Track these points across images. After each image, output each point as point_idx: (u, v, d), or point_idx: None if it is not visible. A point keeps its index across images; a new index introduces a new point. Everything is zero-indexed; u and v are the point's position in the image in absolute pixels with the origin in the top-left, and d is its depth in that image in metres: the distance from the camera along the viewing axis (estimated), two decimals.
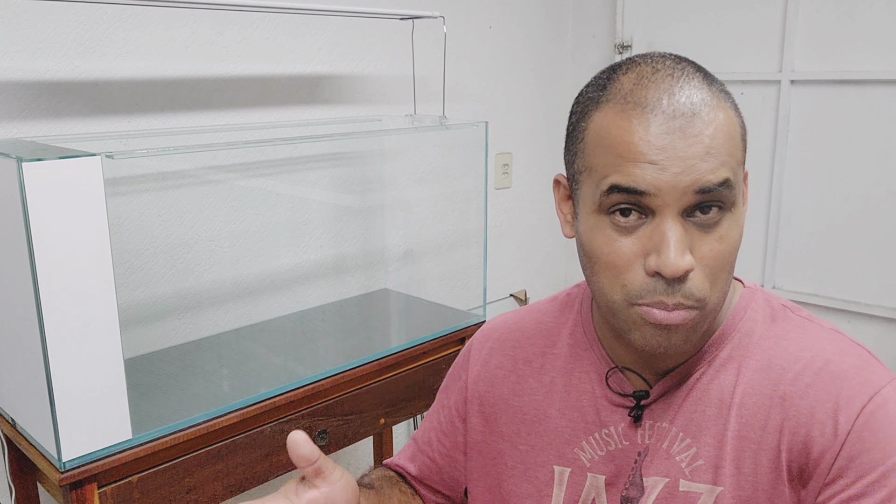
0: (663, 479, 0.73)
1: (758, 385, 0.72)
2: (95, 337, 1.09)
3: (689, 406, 0.74)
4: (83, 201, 1.04)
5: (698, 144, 0.64)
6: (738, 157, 0.67)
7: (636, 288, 0.67)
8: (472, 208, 2.16)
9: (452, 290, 2.20)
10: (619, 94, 0.67)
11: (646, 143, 0.64)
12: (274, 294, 1.79)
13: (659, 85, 0.66)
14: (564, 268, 2.67)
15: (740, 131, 0.69)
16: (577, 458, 0.79)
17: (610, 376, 0.78)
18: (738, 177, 0.68)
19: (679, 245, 0.64)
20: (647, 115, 0.65)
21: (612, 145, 0.66)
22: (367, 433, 1.51)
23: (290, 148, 1.77)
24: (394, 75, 1.97)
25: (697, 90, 0.66)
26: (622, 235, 0.67)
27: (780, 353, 0.73)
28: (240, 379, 1.43)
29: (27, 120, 1.39)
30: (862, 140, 1.96)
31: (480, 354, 0.90)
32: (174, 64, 1.56)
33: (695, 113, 0.65)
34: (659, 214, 0.65)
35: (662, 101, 0.65)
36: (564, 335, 0.84)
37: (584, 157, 0.70)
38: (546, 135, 2.48)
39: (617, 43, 2.37)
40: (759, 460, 0.70)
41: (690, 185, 0.64)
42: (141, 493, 1.18)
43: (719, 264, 0.67)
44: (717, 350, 0.75)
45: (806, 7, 2.00)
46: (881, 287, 1.98)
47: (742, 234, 0.70)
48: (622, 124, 0.66)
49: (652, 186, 0.64)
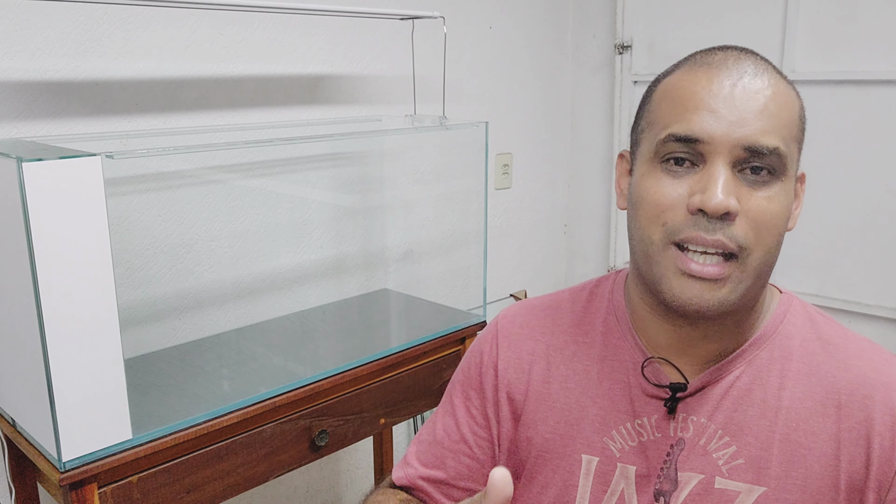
0: (698, 476, 0.73)
1: (807, 390, 0.72)
2: (95, 337, 1.09)
3: (729, 404, 0.73)
4: (83, 201, 1.04)
5: (756, 101, 0.66)
6: (793, 131, 0.69)
7: (676, 224, 0.67)
8: (472, 208, 2.16)
9: (452, 290, 2.20)
10: (690, 61, 0.72)
11: (707, 90, 0.67)
12: (274, 294, 1.79)
13: (728, 53, 0.70)
14: (564, 268, 2.67)
15: (799, 111, 0.71)
16: (606, 448, 0.78)
17: (646, 366, 0.77)
18: (791, 151, 0.69)
19: (726, 186, 0.65)
20: (712, 70, 0.68)
21: (676, 97, 0.69)
22: (367, 433, 1.51)
23: (290, 148, 1.77)
24: (394, 75, 1.97)
25: (763, 62, 0.70)
26: (672, 179, 0.68)
27: (827, 359, 0.73)
28: (240, 379, 1.43)
29: (27, 120, 1.39)
30: (862, 140, 1.96)
31: (509, 340, 0.87)
32: (174, 64, 1.56)
33: (758, 74, 0.68)
34: (710, 161, 0.67)
35: (729, 61, 0.69)
36: (598, 324, 0.83)
37: (649, 114, 0.73)
38: (546, 135, 2.48)
39: (617, 43, 2.37)
40: (811, 466, 0.70)
41: (742, 139, 0.66)
42: (141, 493, 1.18)
43: (766, 221, 0.67)
44: (758, 350, 0.74)
45: (807, 7, 2.00)
46: (881, 287, 1.98)
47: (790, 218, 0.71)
48: (689, 77, 0.69)
49: (705, 133, 0.66)
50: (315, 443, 1.40)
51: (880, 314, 1.99)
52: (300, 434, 1.38)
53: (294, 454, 1.38)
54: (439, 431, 0.89)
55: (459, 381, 0.90)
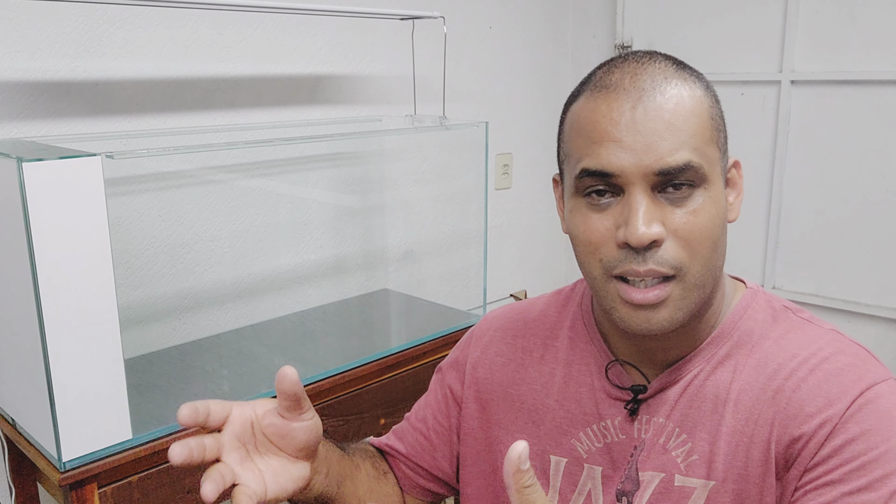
0: (659, 475, 0.74)
1: (753, 381, 0.72)
2: (95, 337, 1.09)
3: (685, 402, 0.74)
4: (83, 201, 1.04)
5: (658, 119, 0.66)
6: (705, 136, 0.68)
7: (610, 259, 0.69)
8: (472, 208, 2.16)
9: (452, 290, 2.21)
10: (591, 83, 0.72)
11: (608, 119, 0.67)
12: (274, 294, 1.79)
13: (624, 69, 0.70)
14: (564, 268, 2.67)
15: (709, 111, 0.70)
16: (573, 449, 0.79)
17: (609, 369, 0.79)
18: (708, 156, 0.68)
19: (645, 216, 0.66)
20: (610, 95, 0.68)
21: (582, 129, 0.70)
22: (367, 433, 1.51)
23: (291, 148, 1.77)
24: (394, 75, 1.97)
25: (661, 71, 0.69)
26: (596, 213, 0.70)
27: (778, 351, 0.73)
28: (240, 379, 1.43)
29: (27, 120, 1.39)
30: (862, 140, 1.96)
31: (482, 341, 0.90)
32: (174, 64, 1.56)
33: (655, 87, 0.67)
34: (628, 191, 0.68)
35: (625, 80, 0.69)
36: (566, 327, 0.85)
37: (564, 146, 0.74)
38: (546, 135, 2.48)
39: (617, 43, 2.37)
40: (751, 454, 0.70)
41: (651, 165, 0.66)
42: (141, 493, 1.18)
43: (695, 236, 0.68)
44: (717, 348, 0.75)
45: (806, 7, 2.00)
46: (881, 287, 1.98)
47: (727, 214, 0.72)
48: (590, 107, 0.70)
49: (616, 168, 0.67)
50: None
51: (880, 314, 1.99)
52: None
53: None
54: (415, 407, 0.96)
55: (439, 368, 0.96)
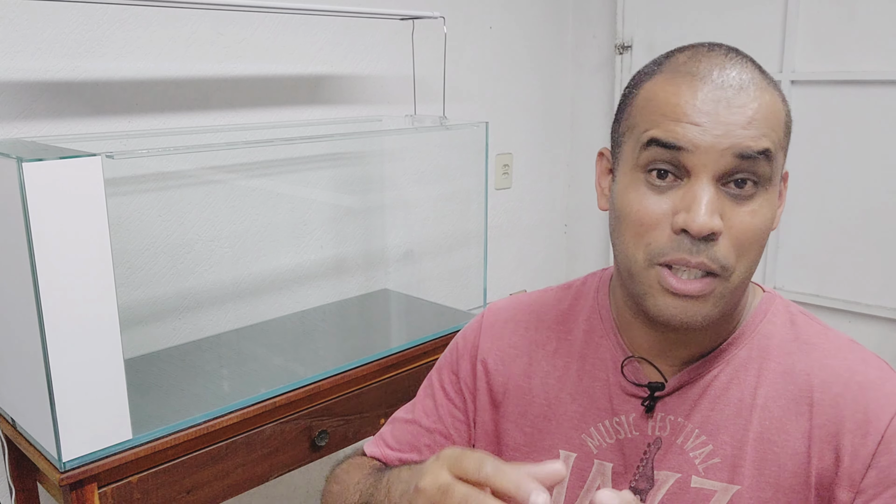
0: (675, 475, 0.73)
1: (782, 389, 0.72)
2: (95, 337, 1.09)
3: (707, 403, 0.74)
4: (83, 201, 1.04)
5: (741, 115, 0.65)
6: (779, 139, 0.68)
7: (660, 245, 0.66)
8: (472, 208, 2.16)
9: (452, 290, 2.20)
10: (672, 66, 0.69)
11: (691, 105, 0.66)
12: (274, 294, 1.79)
13: (712, 60, 0.68)
14: (564, 268, 2.67)
15: (785, 119, 0.69)
16: (583, 444, 0.78)
17: (626, 365, 0.77)
18: (778, 157, 0.68)
19: (710, 205, 0.65)
20: (696, 83, 0.66)
21: (657, 105, 0.68)
22: (367, 433, 1.51)
23: (290, 148, 1.77)
24: (394, 75, 1.97)
25: (748, 71, 0.68)
26: (654, 194, 0.67)
27: (803, 357, 0.73)
28: (240, 379, 1.43)
29: (27, 120, 1.39)
30: (862, 140, 1.96)
31: (492, 331, 0.88)
32: (174, 64, 1.56)
33: (742, 87, 0.66)
34: (694, 176, 0.65)
35: (713, 72, 0.67)
36: (580, 321, 0.83)
37: (630, 118, 0.71)
38: (546, 135, 2.48)
39: (617, 43, 2.37)
40: (783, 463, 0.70)
41: (730, 147, 0.64)
42: (141, 493, 1.18)
43: (749, 238, 0.66)
44: (736, 349, 0.75)
45: (806, 7, 2.00)
46: (881, 287, 1.98)
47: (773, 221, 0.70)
48: (671, 89, 0.67)
49: (691, 143, 0.65)
50: (315, 443, 1.40)
51: (880, 314, 1.98)
52: (300, 434, 1.38)
53: (294, 454, 1.38)
54: (418, 411, 0.91)
55: (440, 366, 0.93)
